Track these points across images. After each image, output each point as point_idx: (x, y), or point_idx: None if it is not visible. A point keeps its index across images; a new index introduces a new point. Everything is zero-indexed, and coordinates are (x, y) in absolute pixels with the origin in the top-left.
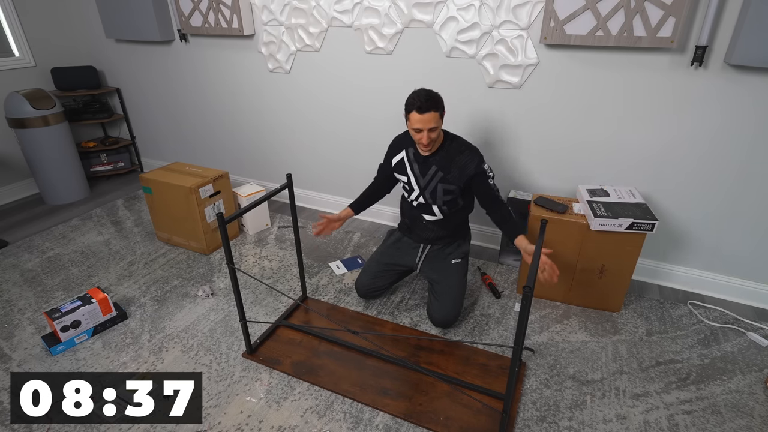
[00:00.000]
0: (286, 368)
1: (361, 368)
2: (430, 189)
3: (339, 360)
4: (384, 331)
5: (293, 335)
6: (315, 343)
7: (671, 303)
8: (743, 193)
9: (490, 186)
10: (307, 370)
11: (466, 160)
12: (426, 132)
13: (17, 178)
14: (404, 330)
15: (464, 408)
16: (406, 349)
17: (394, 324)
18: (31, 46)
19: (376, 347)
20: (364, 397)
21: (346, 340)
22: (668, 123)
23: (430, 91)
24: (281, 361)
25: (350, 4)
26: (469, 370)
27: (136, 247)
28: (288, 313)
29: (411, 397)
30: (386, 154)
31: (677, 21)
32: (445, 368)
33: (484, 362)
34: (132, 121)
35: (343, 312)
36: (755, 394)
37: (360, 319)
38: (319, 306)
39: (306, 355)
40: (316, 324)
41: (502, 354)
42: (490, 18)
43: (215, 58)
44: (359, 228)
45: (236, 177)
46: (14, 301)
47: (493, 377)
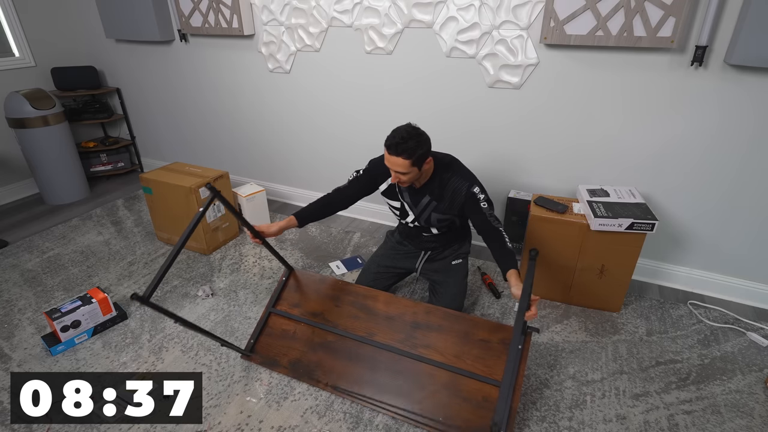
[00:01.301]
0: (283, 369)
1: (357, 360)
2: (424, 217)
3: (334, 353)
4: (377, 305)
5: (286, 325)
6: (308, 332)
7: (671, 303)
8: (743, 193)
9: (483, 212)
10: (304, 371)
11: (456, 187)
12: (394, 173)
13: (17, 178)
14: (398, 303)
15: (464, 401)
16: (402, 328)
17: (386, 296)
18: (31, 46)
19: (367, 334)
20: (363, 396)
21: (338, 329)
22: (668, 123)
23: (411, 135)
24: (278, 362)
25: (350, 4)
26: (469, 350)
27: (136, 247)
28: (278, 295)
29: (409, 394)
30: (367, 172)
31: (677, 21)
32: (443, 350)
33: (485, 337)
34: (132, 121)
35: (332, 284)
36: (755, 394)
37: (351, 292)
38: (307, 280)
39: (301, 350)
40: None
41: (504, 324)
42: (490, 18)
43: (215, 58)
44: (359, 228)
45: (236, 177)
46: (14, 301)
47: (495, 357)
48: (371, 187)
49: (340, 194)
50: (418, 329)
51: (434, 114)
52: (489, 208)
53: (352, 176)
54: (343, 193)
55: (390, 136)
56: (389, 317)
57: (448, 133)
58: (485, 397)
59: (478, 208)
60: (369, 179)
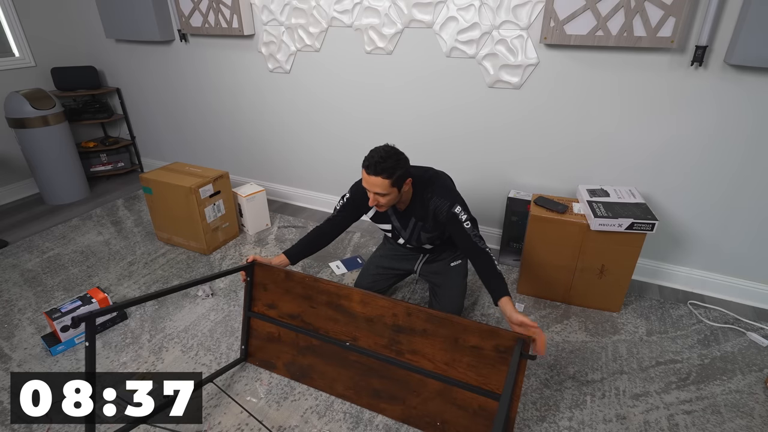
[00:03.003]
0: (281, 371)
1: (347, 366)
2: (415, 237)
3: (323, 357)
4: (352, 306)
5: (269, 328)
6: (292, 336)
7: (671, 303)
8: (743, 193)
9: (465, 232)
10: (301, 373)
11: (436, 206)
12: (373, 194)
13: (17, 178)
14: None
15: (459, 409)
16: (383, 332)
17: (360, 294)
18: (31, 46)
19: (351, 339)
20: (360, 400)
21: (320, 333)
22: (668, 123)
23: (389, 154)
24: (275, 364)
25: (350, 4)
26: (460, 357)
27: (136, 247)
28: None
29: (404, 400)
30: (350, 201)
31: (677, 21)
32: (432, 357)
33: (477, 344)
34: (132, 121)
35: (300, 281)
36: (755, 394)
37: (322, 291)
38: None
39: (291, 353)
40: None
41: (496, 326)
42: (490, 18)
43: (215, 58)
44: (359, 228)
45: (236, 177)
46: (14, 301)
47: (489, 366)
48: (357, 215)
49: (330, 224)
50: (400, 333)
51: (434, 114)
52: (472, 228)
53: (338, 204)
54: (332, 222)
55: (368, 156)
56: (368, 319)
57: (448, 133)
58: (481, 405)
59: (460, 229)
60: (354, 209)
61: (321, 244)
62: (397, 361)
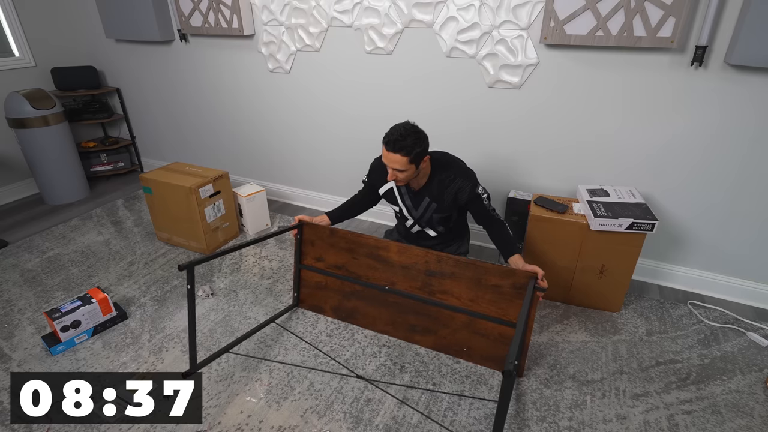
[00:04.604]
0: (329, 314)
1: (387, 306)
2: (425, 219)
3: (365, 300)
4: (390, 256)
5: (317, 278)
6: (338, 283)
7: (671, 303)
8: (743, 193)
9: (485, 207)
10: (346, 314)
11: (459, 188)
12: (391, 170)
13: (17, 178)
14: (410, 252)
15: (482, 337)
16: (417, 276)
17: (397, 245)
18: (31, 46)
19: (389, 284)
20: (398, 334)
21: (363, 280)
22: (668, 123)
23: (409, 132)
24: (323, 308)
25: (350, 4)
26: (483, 294)
27: (136, 247)
28: (299, 251)
29: (436, 331)
30: (369, 175)
31: (677, 21)
32: (459, 295)
33: (497, 283)
34: (132, 121)
35: (343, 237)
36: (755, 394)
37: (363, 244)
38: (320, 233)
39: (338, 298)
40: (328, 256)
41: (513, 268)
42: (490, 18)
43: (215, 58)
44: (359, 228)
45: (236, 177)
46: (14, 301)
47: (507, 300)
48: (375, 194)
49: (360, 194)
50: (433, 277)
51: (434, 114)
52: (490, 204)
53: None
54: (361, 193)
55: (388, 133)
56: (404, 266)
57: (448, 133)
58: (501, 333)
59: (481, 206)
60: (371, 189)
61: (354, 212)
62: (430, 300)
